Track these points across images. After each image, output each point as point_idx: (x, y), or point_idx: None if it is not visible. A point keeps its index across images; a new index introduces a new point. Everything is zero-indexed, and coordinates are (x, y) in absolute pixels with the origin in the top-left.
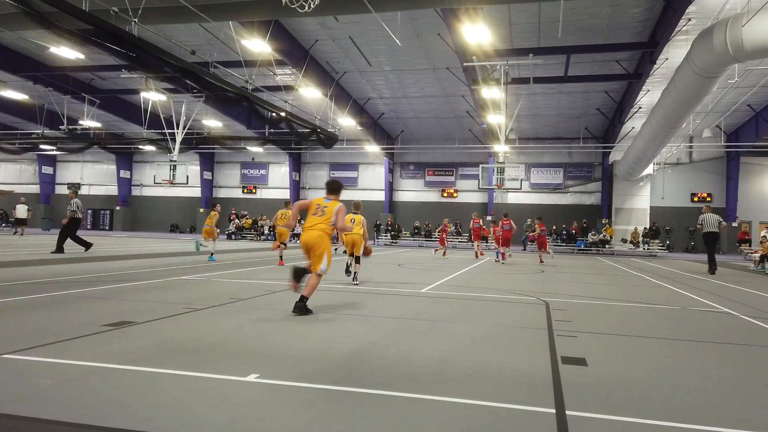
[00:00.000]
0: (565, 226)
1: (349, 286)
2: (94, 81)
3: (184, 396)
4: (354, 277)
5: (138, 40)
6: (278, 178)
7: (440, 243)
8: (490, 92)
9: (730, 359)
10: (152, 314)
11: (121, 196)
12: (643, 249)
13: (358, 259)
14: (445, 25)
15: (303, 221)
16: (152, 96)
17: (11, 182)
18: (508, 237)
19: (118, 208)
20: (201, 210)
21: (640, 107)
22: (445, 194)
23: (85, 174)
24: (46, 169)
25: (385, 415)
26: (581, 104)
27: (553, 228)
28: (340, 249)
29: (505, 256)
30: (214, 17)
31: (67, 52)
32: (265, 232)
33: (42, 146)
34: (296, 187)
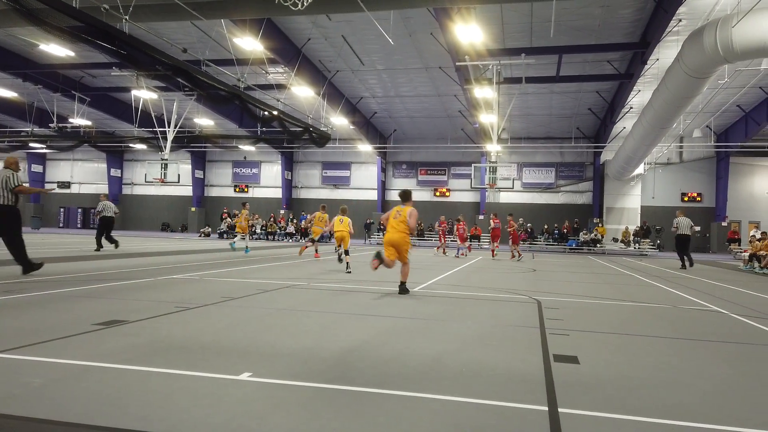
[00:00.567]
0: (557, 225)
1: (343, 284)
2: (85, 78)
3: (176, 395)
4: (347, 267)
5: (129, 38)
6: (270, 177)
7: (440, 240)
8: (483, 92)
9: (721, 357)
10: (144, 313)
11: (112, 194)
12: (634, 248)
13: (347, 252)
14: (438, 25)
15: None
16: (143, 94)
17: None
18: (497, 234)
19: None
20: (192, 209)
21: (631, 107)
22: (438, 193)
23: (75, 172)
24: (36, 168)
25: (378, 413)
26: (573, 104)
27: (545, 227)
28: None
29: (494, 252)
30: (206, 15)
31: (57, 50)
32: (257, 231)
33: (31, 144)
34: (288, 186)
